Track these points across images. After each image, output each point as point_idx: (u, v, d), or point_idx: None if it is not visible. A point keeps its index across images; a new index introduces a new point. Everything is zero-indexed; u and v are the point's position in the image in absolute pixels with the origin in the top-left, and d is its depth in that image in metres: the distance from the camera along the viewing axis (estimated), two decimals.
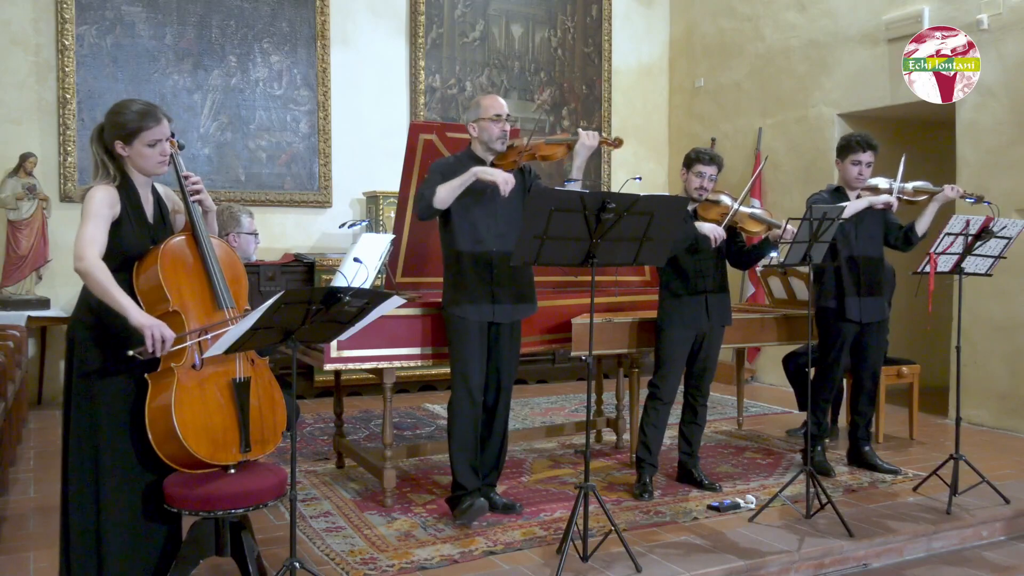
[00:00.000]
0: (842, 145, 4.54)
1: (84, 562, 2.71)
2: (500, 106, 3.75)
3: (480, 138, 3.75)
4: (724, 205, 4.20)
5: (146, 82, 6.68)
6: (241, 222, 4.01)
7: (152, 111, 2.74)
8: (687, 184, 4.21)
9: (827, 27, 7.14)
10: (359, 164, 7.43)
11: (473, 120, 3.76)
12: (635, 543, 3.46)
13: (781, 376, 6.10)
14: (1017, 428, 5.77)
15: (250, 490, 2.69)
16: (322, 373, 6.48)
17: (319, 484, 4.40)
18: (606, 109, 8.62)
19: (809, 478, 3.84)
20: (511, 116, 3.82)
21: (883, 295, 4.66)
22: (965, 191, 4.53)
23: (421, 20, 7.66)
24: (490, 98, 3.80)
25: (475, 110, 3.78)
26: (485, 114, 3.72)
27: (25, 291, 6.22)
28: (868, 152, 4.45)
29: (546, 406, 6.60)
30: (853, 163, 4.47)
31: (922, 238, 4.56)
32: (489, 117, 3.71)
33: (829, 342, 4.58)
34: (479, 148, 3.77)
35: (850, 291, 4.50)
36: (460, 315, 3.71)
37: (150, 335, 2.55)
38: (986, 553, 3.80)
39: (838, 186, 4.62)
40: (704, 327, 4.20)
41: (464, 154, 3.82)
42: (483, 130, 3.73)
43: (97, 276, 2.59)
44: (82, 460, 2.70)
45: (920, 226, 4.51)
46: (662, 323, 4.24)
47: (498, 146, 3.75)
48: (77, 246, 2.62)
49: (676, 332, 4.19)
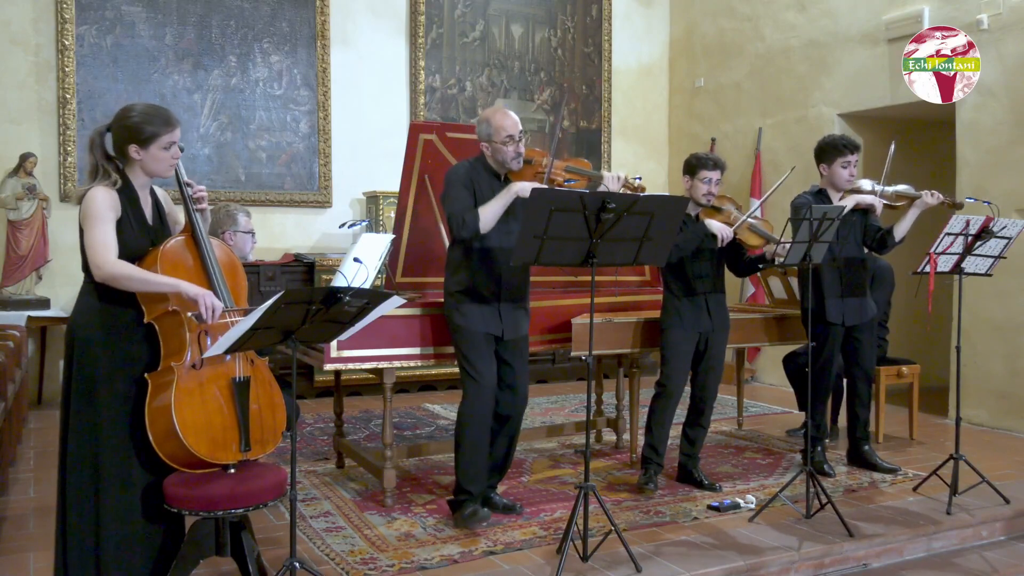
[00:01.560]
0: (828, 148, 4.48)
1: (82, 563, 2.70)
2: (512, 125, 3.62)
3: (494, 158, 3.67)
4: (728, 212, 4.20)
5: (146, 82, 6.68)
6: (238, 220, 4.00)
7: (168, 116, 2.77)
8: (693, 191, 4.19)
9: (827, 27, 7.14)
10: (359, 164, 7.43)
11: (486, 140, 3.66)
12: (635, 543, 3.46)
13: (781, 376, 6.11)
14: (1017, 428, 5.77)
15: (250, 490, 2.69)
16: (322, 373, 6.48)
17: (319, 484, 4.40)
18: (606, 109, 8.62)
19: (809, 478, 3.83)
20: (524, 133, 3.69)
21: (866, 295, 4.63)
22: (945, 197, 4.44)
23: (421, 20, 7.67)
24: (501, 116, 3.63)
25: (485, 128, 3.65)
26: (497, 137, 3.61)
27: (25, 291, 6.23)
28: (855, 153, 4.45)
29: (546, 406, 6.60)
30: (843, 166, 4.45)
31: (899, 243, 4.51)
32: (501, 141, 3.61)
33: (818, 344, 4.55)
34: (493, 163, 3.71)
35: (831, 293, 4.48)
36: (468, 326, 3.65)
37: (203, 303, 2.63)
38: (986, 553, 3.80)
39: (820, 188, 4.57)
40: (706, 328, 4.20)
41: (478, 162, 3.73)
42: (497, 151, 3.64)
43: (126, 273, 2.62)
44: (81, 461, 2.70)
45: (898, 231, 4.46)
46: (665, 324, 4.25)
47: (514, 166, 3.66)
48: (92, 255, 2.62)
49: (679, 333, 4.19)
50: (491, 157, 3.69)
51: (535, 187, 3.37)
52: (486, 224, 3.53)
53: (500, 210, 3.54)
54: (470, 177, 3.64)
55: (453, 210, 3.58)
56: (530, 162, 3.70)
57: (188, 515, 2.70)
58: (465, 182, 3.62)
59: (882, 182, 4.47)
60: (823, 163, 4.52)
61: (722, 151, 8.08)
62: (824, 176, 4.55)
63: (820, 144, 4.57)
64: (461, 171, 3.68)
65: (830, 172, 4.50)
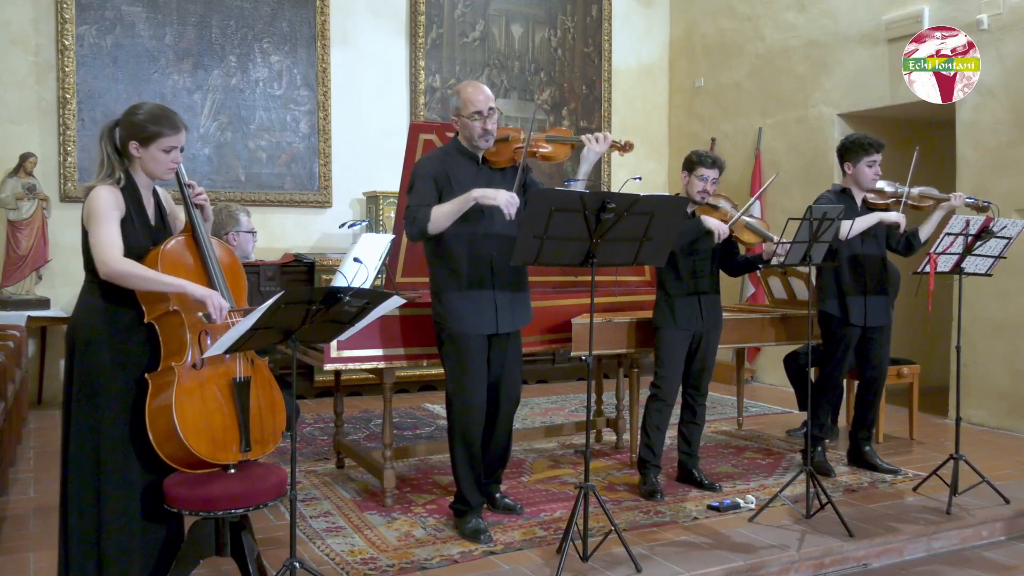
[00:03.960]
0: (854, 147, 4.42)
1: (83, 563, 2.71)
2: (483, 101, 3.40)
3: (463, 135, 3.52)
4: (724, 210, 4.19)
5: (146, 82, 6.68)
6: (240, 221, 4.02)
7: (174, 120, 2.76)
8: (689, 188, 4.18)
9: (827, 27, 7.14)
10: (359, 164, 7.43)
11: (455, 115, 3.50)
12: (635, 543, 3.46)
13: (781, 376, 6.11)
14: (1017, 428, 5.77)
15: (250, 490, 2.69)
16: (322, 373, 6.48)
17: (319, 484, 4.40)
18: (606, 109, 8.62)
19: (809, 478, 3.83)
20: (494, 110, 3.45)
21: (888, 295, 4.60)
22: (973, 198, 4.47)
23: (421, 20, 7.66)
24: (471, 88, 3.44)
25: (455, 101, 3.48)
26: (464, 111, 3.43)
27: (25, 291, 6.23)
28: (881, 152, 4.42)
29: (546, 406, 6.60)
30: (869, 164, 4.40)
31: (924, 244, 4.52)
32: (468, 115, 3.43)
33: (833, 346, 4.53)
34: (466, 142, 3.54)
35: (854, 291, 4.45)
36: (460, 330, 3.50)
37: (211, 304, 2.64)
38: (986, 553, 3.80)
39: (844, 187, 4.53)
40: (700, 328, 4.19)
41: (451, 146, 3.57)
42: (464, 127, 3.48)
43: (133, 272, 2.61)
44: (82, 461, 2.70)
45: (923, 232, 4.48)
46: (659, 324, 4.23)
47: (481, 144, 3.48)
48: (98, 253, 2.61)
49: (673, 332, 4.18)
50: (460, 135, 3.53)
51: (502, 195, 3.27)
52: (435, 227, 3.35)
53: (454, 214, 3.34)
54: (442, 167, 3.46)
55: (409, 203, 3.43)
56: (506, 139, 3.56)
57: (188, 515, 2.70)
58: (433, 174, 3.44)
59: (907, 184, 4.42)
60: (848, 162, 4.46)
61: (722, 151, 8.08)
62: (848, 175, 4.49)
63: (845, 143, 4.51)
64: (429, 163, 3.50)
65: (855, 171, 4.45)
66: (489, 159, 3.59)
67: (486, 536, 3.52)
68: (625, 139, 3.86)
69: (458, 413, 3.57)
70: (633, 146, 3.80)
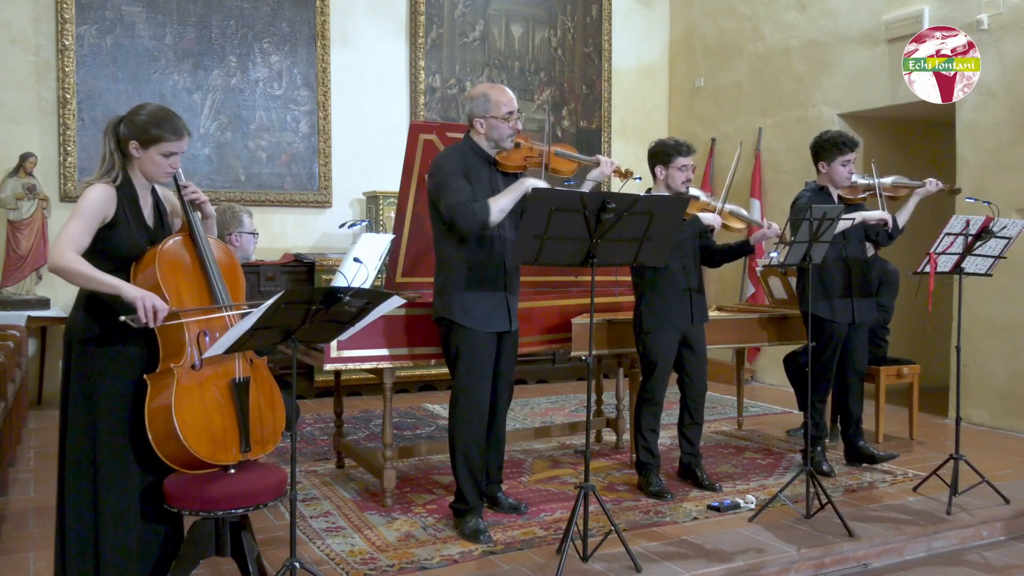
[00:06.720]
0: (828, 146, 4.45)
1: (81, 564, 2.70)
2: (511, 101, 3.53)
3: (488, 135, 3.56)
4: (705, 201, 4.18)
5: (146, 82, 6.68)
6: (243, 221, 4.05)
7: (177, 125, 2.74)
8: (669, 180, 4.10)
9: (827, 27, 7.14)
10: (359, 164, 7.43)
11: (481, 116, 3.55)
12: (635, 543, 3.46)
13: (781, 376, 6.10)
14: (1017, 428, 5.77)
15: (250, 490, 2.68)
16: (322, 373, 6.48)
17: (319, 484, 4.40)
18: (606, 109, 8.62)
19: (809, 478, 3.83)
20: (520, 113, 3.61)
21: (872, 295, 4.66)
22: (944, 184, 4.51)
23: (421, 20, 7.66)
24: (498, 91, 3.55)
25: (482, 103, 3.53)
26: (496, 112, 3.51)
27: (25, 291, 6.23)
28: (854, 151, 4.46)
29: (546, 406, 6.60)
30: (843, 163, 4.45)
31: (901, 231, 4.55)
32: (501, 116, 3.51)
33: (821, 345, 4.53)
34: (484, 143, 3.58)
35: (839, 293, 4.49)
36: (476, 329, 3.51)
37: (141, 306, 2.55)
38: (986, 553, 3.79)
39: (821, 185, 4.55)
40: (688, 326, 4.18)
41: (465, 146, 3.60)
42: (492, 128, 3.53)
43: (73, 268, 2.57)
44: (80, 461, 2.70)
45: (901, 219, 4.54)
46: (649, 326, 4.14)
47: (508, 144, 3.56)
48: (56, 242, 2.60)
49: (663, 335, 4.14)
50: (484, 135, 3.56)
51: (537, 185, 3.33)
52: (496, 218, 3.40)
53: (510, 205, 3.41)
54: (464, 164, 3.51)
55: (458, 200, 3.40)
56: (518, 146, 3.61)
57: (188, 515, 2.70)
58: (462, 170, 3.47)
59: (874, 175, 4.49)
60: (822, 160, 4.50)
61: (722, 151, 8.09)
62: (823, 173, 4.53)
63: (818, 141, 4.52)
64: (453, 160, 3.52)
65: (830, 169, 4.49)
66: (500, 163, 3.63)
67: (486, 536, 3.52)
68: (627, 167, 3.89)
69: (465, 410, 3.59)
70: (633, 174, 3.82)
